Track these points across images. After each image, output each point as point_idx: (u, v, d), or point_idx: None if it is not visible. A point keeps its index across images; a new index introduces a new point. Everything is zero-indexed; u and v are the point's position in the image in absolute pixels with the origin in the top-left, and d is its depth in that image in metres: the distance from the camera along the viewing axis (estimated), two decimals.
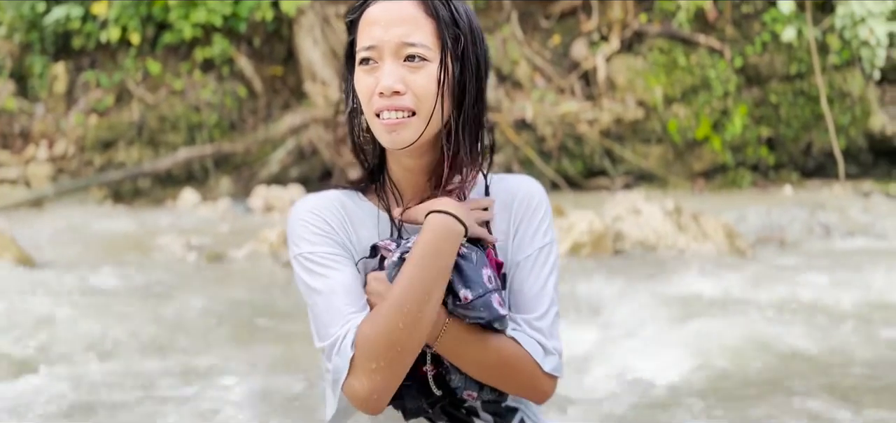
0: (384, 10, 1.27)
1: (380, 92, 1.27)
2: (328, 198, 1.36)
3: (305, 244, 1.31)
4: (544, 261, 1.35)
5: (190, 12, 9.04)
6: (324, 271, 1.28)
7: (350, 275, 1.29)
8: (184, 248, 5.50)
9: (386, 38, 1.26)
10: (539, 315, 1.33)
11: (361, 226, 1.35)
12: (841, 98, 8.48)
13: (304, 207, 1.34)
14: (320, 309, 1.27)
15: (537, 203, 1.37)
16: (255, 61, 9.37)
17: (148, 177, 8.83)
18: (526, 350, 1.28)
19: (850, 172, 8.36)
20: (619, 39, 9.14)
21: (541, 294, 1.33)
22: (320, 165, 8.93)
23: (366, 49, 1.28)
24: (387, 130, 1.28)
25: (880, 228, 6.24)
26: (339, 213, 1.34)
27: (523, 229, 1.36)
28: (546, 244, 1.36)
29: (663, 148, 8.80)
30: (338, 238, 1.32)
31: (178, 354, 3.36)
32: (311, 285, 1.29)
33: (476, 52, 1.31)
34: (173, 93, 9.18)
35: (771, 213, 6.57)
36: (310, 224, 1.31)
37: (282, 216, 6.92)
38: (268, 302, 4.27)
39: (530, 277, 1.34)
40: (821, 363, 3.16)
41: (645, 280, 4.37)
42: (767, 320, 3.65)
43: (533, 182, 1.41)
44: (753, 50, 8.77)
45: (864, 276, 4.53)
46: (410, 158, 1.33)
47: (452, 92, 1.29)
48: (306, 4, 9.07)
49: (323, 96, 8.93)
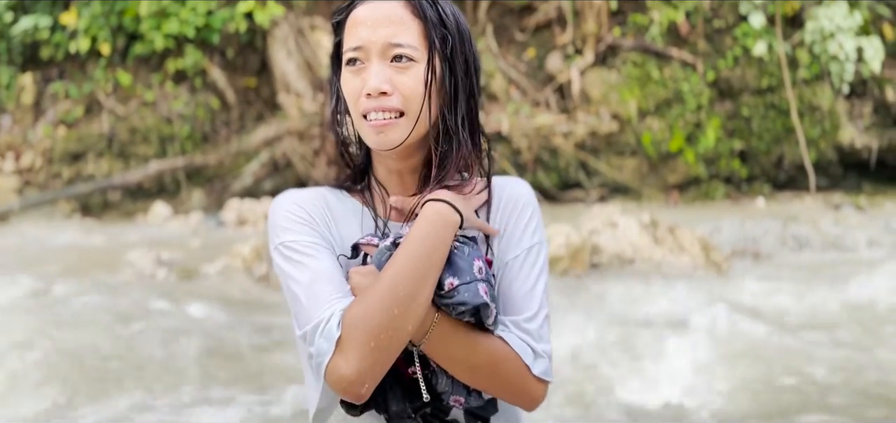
0: (371, 11, 1.26)
1: (367, 93, 1.25)
2: (311, 192, 1.34)
3: (287, 234, 1.28)
4: (533, 261, 1.32)
5: (162, 23, 8.92)
6: (305, 259, 1.25)
7: (333, 264, 1.26)
8: (153, 263, 5.39)
9: (372, 39, 1.25)
10: (528, 317, 1.29)
11: (344, 222, 1.33)
12: (811, 112, 8.60)
13: (287, 199, 1.32)
14: (302, 296, 1.23)
15: (524, 203, 1.35)
16: (228, 73, 9.27)
17: (118, 190, 8.68)
18: (515, 352, 1.25)
19: (821, 185, 8.47)
20: (593, 53, 9.19)
21: (530, 295, 1.30)
22: (294, 178, 8.85)
23: (353, 50, 1.27)
24: (375, 131, 1.26)
25: (851, 240, 6.31)
26: (322, 207, 1.32)
27: (511, 228, 1.33)
28: (535, 244, 1.33)
29: (638, 161, 8.85)
30: (319, 229, 1.29)
31: (136, 387, 3.26)
32: (292, 273, 1.25)
33: (464, 51, 1.30)
34: (144, 104, 9.04)
35: (744, 225, 6.62)
36: (291, 215, 1.29)
37: (255, 230, 6.82)
38: (241, 321, 4.18)
39: (519, 277, 1.31)
40: (812, 379, 3.16)
41: (624, 295, 4.36)
42: (751, 335, 3.66)
43: (521, 183, 1.38)
44: (725, 64, 8.86)
45: (839, 289, 4.56)
46: (397, 160, 1.31)
47: (441, 92, 1.28)
48: (280, 16, 9.00)
49: (297, 108, 8.85)
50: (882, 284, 4.64)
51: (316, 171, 8.61)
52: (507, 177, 1.40)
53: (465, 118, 1.30)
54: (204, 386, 3.19)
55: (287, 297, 1.27)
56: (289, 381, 3.16)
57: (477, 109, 1.33)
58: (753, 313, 4.05)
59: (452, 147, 1.28)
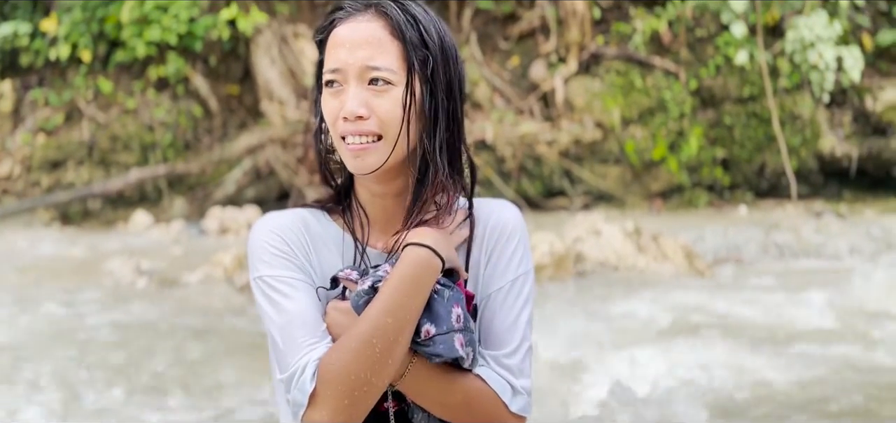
0: (350, 32, 1.24)
1: (344, 116, 1.23)
2: (291, 217, 1.30)
3: (264, 267, 1.26)
4: (517, 293, 1.29)
5: (143, 30, 8.85)
6: (281, 298, 1.23)
7: (310, 302, 1.23)
8: (133, 272, 5.33)
9: (350, 61, 1.23)
10: (509, 352, 1.27)
11: (324, 248, 1.30)
12: (792, 120, 8.67)
13: (265, 227, 1.29)
14: (278, 338, 1.22)
15: (511, 231, 1.31)
16: (210, 80, 9.21)
17: (98, 198, 8.58)
18: (492, 389, 1.23)
19: (802, 193, 8.53)
20: (577, 61, 9.22)
21: (512, 329, 1.28)
22: (277, 186, 8.79)
23: (331, 72, 1.25)
24: (352, 155, 1.24)
25: (833, 248, 6.36)
26: (302, 234, 1.29)
27: (495, 258, 1.30)
28: (520, 276, 1.30)
29: (621, 169, 8.88)
30: (298, 261, 1.26)
31: (113, 396, 3.20)
32: (270, 313, 1.23)
33: (447, 72, 1.26)
34: (126, 112, 8.96)
35: (727, 233, 6.66)
36: (269, 245, 1.26)
37: (237, 239, 6.77)
38: (222, 330, 4.14)
39: (501, 311, 1.28)
40: (798, 387, 3.17)
41: (610, 302, 4.36)
42: (736, 343, 3.66)
43: (508, 207, 1.35)
44: (707, 73, 8.92)
45: (822, 296, 4.59)
46: (378, 183, 1.29)
47: (422, 115, 1.25)
48: (264, 23, 8.96)
49: (280, 116, 8.81)
50: (865, 291, 4.67)
51: (299, 179, 8.57)
52: (493, 200, 1.36)
53: (444, 142, 1.26)
54: (185, 395, 3.14)
55: (266, 333, 1.26)
56: (270, 390, 3.12)
57: (460, 131, 1.30)
58: (737, 321, 4.06)
59: (429, 174, 1.25)
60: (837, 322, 4.13)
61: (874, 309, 4.37)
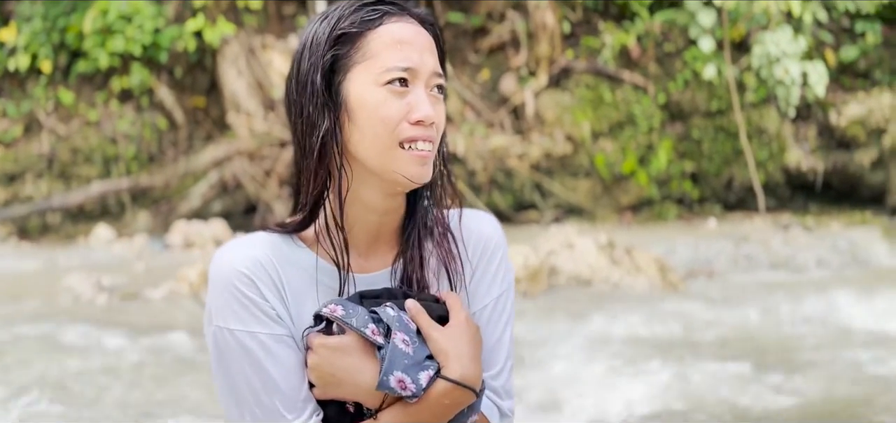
0: (414, 33, 1.17)
1: (417, 119, 1.15)
2: (259, 249, 1.16)
3: (233, 319, 1.11)
4: (501, 310, 1.24)
5: (106, 40, 8.65)
6: (254, 361, 1.09)
7: (289, 362, 1.11)
8: (93, 288, 5.14)
9: (424, 63, 1.16)
10: (494, 373, 1.22)
11: (297, 280, 1.17)
12: (759, 134, 8.76)
13: (233, 267, 1.13)
14: (252, 405, 1.09)
15: (494, 247, 1.26)
16: (176, 92, 9.03)
17: (58, 212, 8.34)
18: (483, 414, 1.18)
19: (770, 205, 8.61)
20: (547, 75, 9.24)
21: (497, 348, 1.23)
22: (244, 200, 8.64)
23: (402, 69, 1.15)
24: (418, 162, 1.15)
25: (801, 260, 6.41)
26: (275, 272, 1.15)
27: (478, 276, 1.24)
28: (503, 292, 1.25)
29: (591, 182, 8.89)
30: (272, 312, 1.13)
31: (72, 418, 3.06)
32: (238, 374, 1.09)
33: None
34: (87, 124, 8.74)
35: (698, 246, 6.68)
36: (238, 293, 1.11)
37: (203, 253, 6.60)
38: (187, 350, 4.00)
39: (486, 330, 1.22)
40: (781, 401, 3.14)
41: (585, 318, 4.31)
42: (714, 357, 3.63)
43: (488, 221, 1.30)
44: (676, 87, 8.98)
45: (794, 307, 4.60)
46: (392, 199, 1.20)
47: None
48: (231, 34, 8.82)
49: (248, 128, 8.66)
50: (835, 302, 4.70)
51: (266, 192, 8.42)
52: (473, 211, 1.30)
53: (445, 153, 1.25)
54: (146, 416, 3.01)
55: (225, 388, 1.11)
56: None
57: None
58: (711, 333, 4.04)
59: (445, 181, 1.23)
60: (813, 335, 4.14)
61: (848, 322, 4.39)
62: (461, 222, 1.27)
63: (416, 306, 1.15)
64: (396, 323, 1.12)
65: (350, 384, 1.11)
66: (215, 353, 1.13)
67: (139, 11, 8.71)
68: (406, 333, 1.12)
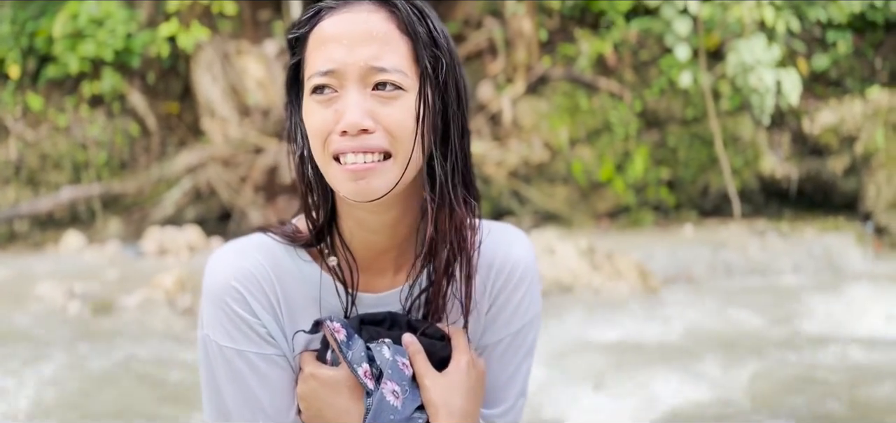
0: (347, 24, 1.00)
1: (342, 130, 0.99)
2: (257, 260, 1.06)
3: (222, 335, 1.03)
4: (519, 345, 1.12)
5: (77, 45, 8.48)
6: (239, 379, 1.02)
7: (275, 385, 1.04)
8: (65, 296, 5.00)
9: (350, 61, 0.99)
10: (503, 411, 1.11)
11: (298, 297, 1.08)
12: (733, 142, 8.84)
13: (225, 279, 1.04)
14: (235, 421, 1.03)
15: (521, 274, 1.12)
16: (148, 97, 8.89)
17: (26, 219, 8.15)
18: None
19: (745, 212, 8.69)
20: (524, 82, 9.24)
21: (508, 385, 1.12)
22: (219, 206, 8.51)
23: (321, 74, 1.00)
24: (352, 178, 1.00)
25: (777, 266, 6.47)
26: (270, 284, 1.06)
27: (499, 306, 1.12)
28: (525, 325, 1.12)
29: (568, 189, 8.91)
30: (263, 330, 1.04)
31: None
32: (223, 390, 1.03)
33: (456, 78, 1.07)
34: (57, 129, 8.56)
35: (676, 252, 6.71)
36: (229, 309, 1.03)
37: (178, 260, 6.47)
38: (163, 358, 3.90)
39: (500, 363, 1.11)
40: (767, 404, 3.13)
41: (568, 324, 4.29)
42: (701, 361, 3.62)
43: (518, 242, 1.15)
44: (651, 94, 9.04)
45: (772, 312, 4.62)
46: (373, 214, 1.06)
47: (433, 128, 1.03)
48: (205, 40, 8.70)
49: (222, 134, 8.55)
50: (814, 307, 4.73)
51: (241, 199, 8.30)
52: (501, 228, 1.15)
53: (458, 163, 1.05)
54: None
55: (211, 397, 1.05)
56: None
57: (469, 148, 1.09)
58: (693, 337, 4.04)
59: (454, 201, 1.03)
60: (797, 337, 4.16)
61: (828, 324, 4.42)
62: (487, 240, 1.13)
63: (414, 345, 1.05)
64: (390, 370, 1.03)
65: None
66: (204, 358, 1.06)
67: (111, 16, 8.57)
68: (398, 381, 1.03)
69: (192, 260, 6.39)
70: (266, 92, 8.79)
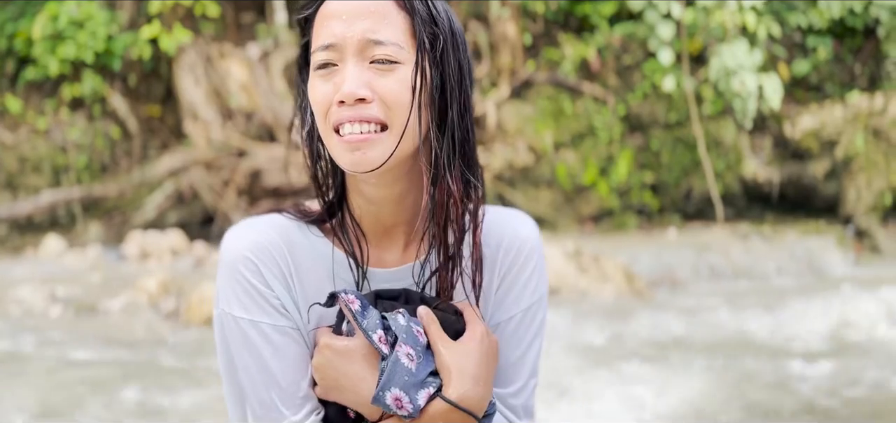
0: (348, 3, 1.04)
1: (340, 100, 1.03)
2: (271, 235, 1.09)
3: (237, 306, 1.05)
4: (529, 323, 1.14)
5: (57, 47, 8.38)
6: (254, 350, 1.03)
7: (289, 358, 1.05)
8: (47, 300, 4.93)
9: (348, 35, 1.03)
10: (515, 391, 1.12)
11: (310, 272, 1.10)
12: (716, 146, 8.91)
13: (239, 253, 1.07)
14: (253, 399, 1.03)
15: (528, 252, 1.15)
16: (130, 100, 8.79)
17: (4, 223, 8.02)
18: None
19: (728, 215, 8.75)
20: (508, 86, 9.26)
21: (520, 364, 1.13)
22: (201, 210, 8.43)
23: (323, 49, 1.05)
24: (349, 148, 1.03)
25: (761, 268, 6.52)
26: (284, 258, 1.08)
27: (508, 284, 1.14)
28: (534, 303, 1.14)
29: (553, 193, 8.92)
30: (277, 301, 1.06)
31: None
32: (238, 363, 1.04)
33: (458, 56, 1.08)
34: (36, 132, 8.45)
35: (660, 255, 6.74)
36: (244, 280, 1.05)
37: (160, 264, 6.40)
38: (148, 361, 3.84)
39: (510, 343, 1.12)
40: (755, 406, 3.14)
41: (556, 327, 4.28)
42: (677, 359, 3.63)
43: (524, 223, 1.18)
44: (635, 99, 9.09)
45: (758, 314, 4.65)
46: (376, 187, 1.09)
47: (430, 103, 1.05)
48: (188, 42, 8.63)
49: (205, 137, 8.47)
50: (797, 310, 4.77)
51: (224, 202, 8.23)
52: (507, 211, 1.18)
53: (455, 141, 1.07)
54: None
55: (227, 375, 1.06)
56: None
57: (472, 127, 1.11)
58: (686, 341, 4.05)
59: (450, 178, 1.05)
60: (780, 339, 4.18)
61: (810, 327, 4.45)
62: (494, 221, 1.15)
63: (429, 316, 1.07)
64: (404, 334, 1.05)
65: (351, 392, 1.04)
66: (220, 338, 1.08)
67: (91, 17, 8.47)
68: (413, 346, 1.04)
69: (176, 264, 6.32)
70: (249, 95, 8.74)
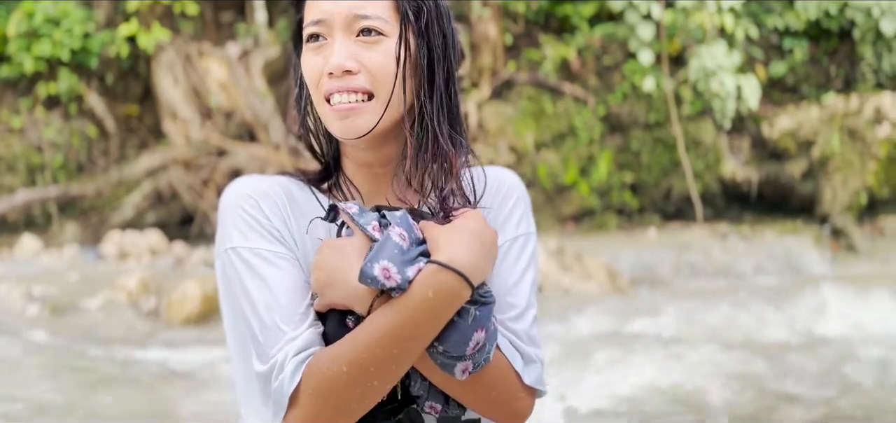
0: None
1: (329, 72, 1.10)
2: (271, 183, 1.15)
3: (238, 236, 1.10)
4: (518, 253, 1.17)
5: (32, 44, 8.26)
6: (256, 275, 1.07)
7: (289, 279, 1.08)
8: (24, 298, 4.85)
9: (335, 11, 1.10)
10: (514, 315, 1.13)
11: (308, 218, 1.15)
12: (695, 146, 8.99)
13: (239, 192, 1.13)
14: (254, 324, 1.06)
15: (508, 190, 1.21)
16: (107, 99, 8.68)
17: None
18: (504, 357, 1.09)
19: (707, 215, 8.83)
20: (489, 86, 9.27)
21: (515, 290, 1.14)
22: (180, 210, 8.35)
23: (313, 24, 1.12)
24: (339, 117, 1.11)
25: (740, 267, 6.58)
26: (283, 203, 1.14)
27: (493, 216, 1.18)
28: (521, 235, 1.18)
29: (534, 192, 8.94)
30: (276, 232, 1.11)
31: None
32: (241, 290, 1.07)
33: (442, 27, 1.15)
34: (10, 131, 8.31)
35: (641, 254, 6.78)
36: (243, 212, 1.10)
37: (139, 264, 6.33)
38: (127, 361, 3.79)
39: (501, 270, 1.14)
40: (739, 401, 3.17)
41: (542, 324, 4.30)
42: (671, 358, 3.65)
43: (507, 172, 1.26)
44: (615, 99, 9.14)
45: (738, 311, 4.69)
46: (367, 151, 1.16)
47: (416, 73, 1.12)
48: (166, 41, 8.54)
49: (184, 136, 8.39)
50: (776, 307, 4.82)
51: (204, 202, 8.16)
52: (489, 167, 1.26)
53: (443, 105, 1.14)
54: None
55: (229, 312, 1.10)
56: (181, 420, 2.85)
57: (457, 94, 1.19)
58: (670, 338, 4.07)
59: (428, 138, 1.12)
60: (759, 336, 4.22)
61: (789, 324, 4.50)
62: (480, 174, 1.22)
63: (426, 220, 1.11)
64: (399, 221, 1.06)
65: (342, 284, 1.04)
66: (223, 283, 1.11)
67: (68, 15, 8.36)
68: (406, 229, 1.05)
69: (155, 263, 6.25)
70: (228, 94, 8.67)
